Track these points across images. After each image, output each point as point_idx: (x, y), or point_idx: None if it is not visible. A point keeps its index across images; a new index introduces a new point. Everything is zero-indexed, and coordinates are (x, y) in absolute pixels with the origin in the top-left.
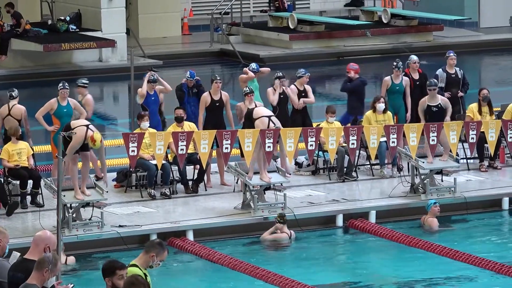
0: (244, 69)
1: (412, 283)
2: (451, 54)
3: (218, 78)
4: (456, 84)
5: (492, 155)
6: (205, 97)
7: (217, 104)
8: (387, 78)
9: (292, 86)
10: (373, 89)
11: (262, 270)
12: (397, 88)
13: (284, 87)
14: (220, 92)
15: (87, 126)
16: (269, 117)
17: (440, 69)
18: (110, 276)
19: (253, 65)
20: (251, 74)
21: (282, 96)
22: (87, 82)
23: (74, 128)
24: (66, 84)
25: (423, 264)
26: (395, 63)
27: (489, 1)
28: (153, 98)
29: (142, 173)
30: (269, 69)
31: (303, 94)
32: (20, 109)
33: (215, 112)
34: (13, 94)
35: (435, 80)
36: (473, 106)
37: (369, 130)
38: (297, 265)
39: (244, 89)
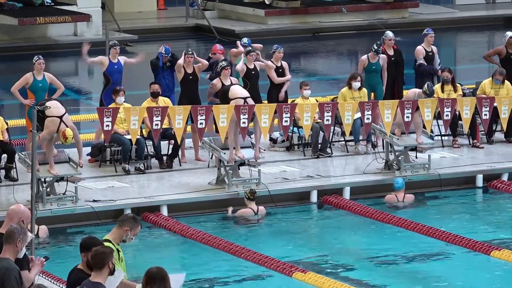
0: (237, 42)
1: (385, 259)
2: (430, 32)
3: (190, 52)
4: (431, 62)
5: (469, 133)
6: (179, 64)
7: (191, 77)
8: (364, 57)
9: (270, 62)
10: (349, 66)
11: (236, 246)
12: (374, 67)
13: (259, 62)
14: (193, 66)
15: (60, 118)
16: (245, 98)
17: (420, 46)
18: (87, 252)
19: (245, 40)
20: (241, 48)
21: (253, 72)
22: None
23: (49, 117)
24: (41, 56)
25: (396, 240)
26: (375, 47)
27: None
28: (116, 67)
29: (116, 148)
30: (261, 45)
31: (280, 70)
32: None
33: (189, 85)
34: None
35: (434, 89)
36: (437, 87)
37: (344, 106)
38: (271, 241)
39: (221, 63)
